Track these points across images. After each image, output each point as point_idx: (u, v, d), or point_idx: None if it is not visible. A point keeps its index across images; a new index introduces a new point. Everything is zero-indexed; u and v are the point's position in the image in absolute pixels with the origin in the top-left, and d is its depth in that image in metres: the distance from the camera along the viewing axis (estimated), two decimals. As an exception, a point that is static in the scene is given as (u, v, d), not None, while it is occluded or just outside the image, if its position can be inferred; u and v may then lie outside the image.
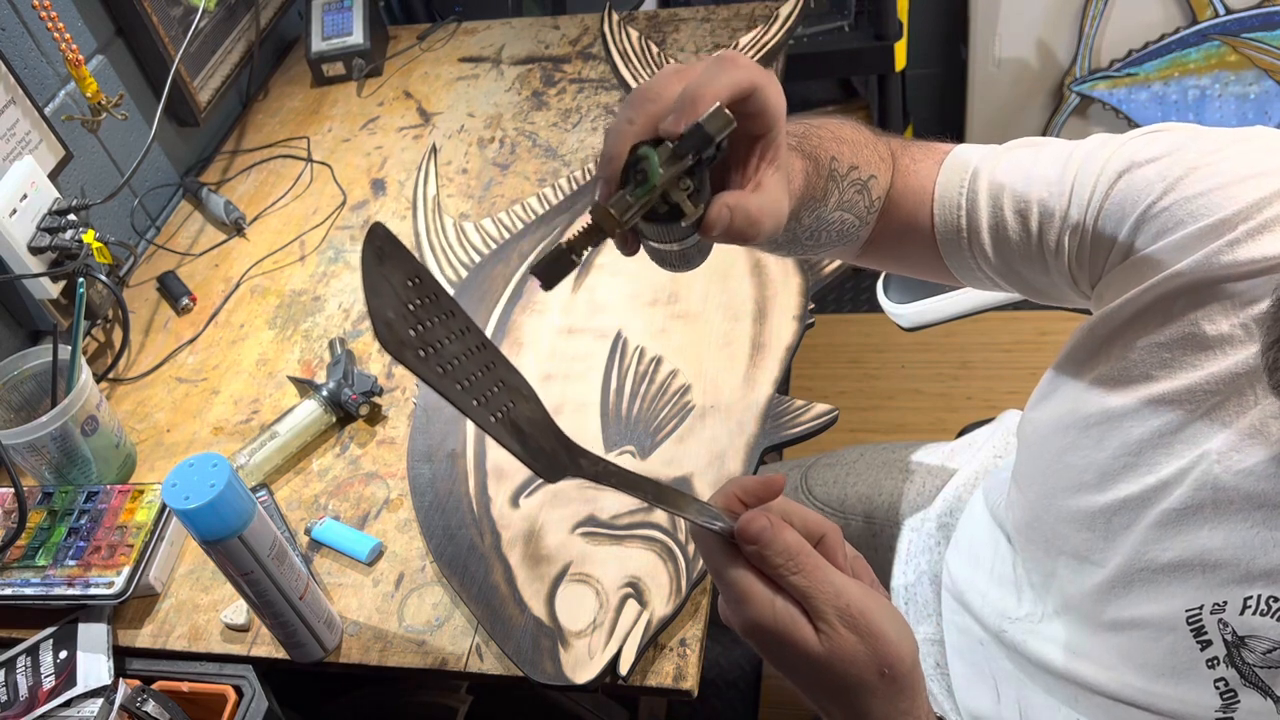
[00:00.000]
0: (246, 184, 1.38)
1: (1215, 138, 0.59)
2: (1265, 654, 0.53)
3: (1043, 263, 0.65)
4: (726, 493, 0.50)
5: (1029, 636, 0.71)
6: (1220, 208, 0.55)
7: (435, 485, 0.93)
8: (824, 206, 0.63)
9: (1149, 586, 0.59)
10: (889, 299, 1.19)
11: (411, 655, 0.82)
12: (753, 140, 0.50)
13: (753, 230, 0.48)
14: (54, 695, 0.81)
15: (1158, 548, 0.58)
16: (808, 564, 0.47)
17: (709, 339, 1.01)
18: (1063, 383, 0.65)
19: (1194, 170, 0.57)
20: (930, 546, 0.91)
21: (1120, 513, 0.60)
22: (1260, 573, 0.53)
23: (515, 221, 1.21)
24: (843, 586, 0.47)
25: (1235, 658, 0.54)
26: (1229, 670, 0.54)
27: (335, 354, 1.07)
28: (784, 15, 1.41)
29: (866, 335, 2.06)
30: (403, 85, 1.50)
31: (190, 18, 1.36)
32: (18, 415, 0.99)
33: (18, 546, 0.91)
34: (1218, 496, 0.55)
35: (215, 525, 0.70)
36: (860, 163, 0.65)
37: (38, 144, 1.14)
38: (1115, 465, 0.60)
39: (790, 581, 0.47)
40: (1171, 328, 0.57)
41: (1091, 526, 0.62)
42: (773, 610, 0.47)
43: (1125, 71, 1.93)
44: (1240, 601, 0.54)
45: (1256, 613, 0.53)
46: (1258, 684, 0.53)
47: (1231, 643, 0.54)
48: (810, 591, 0.47)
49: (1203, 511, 0.56)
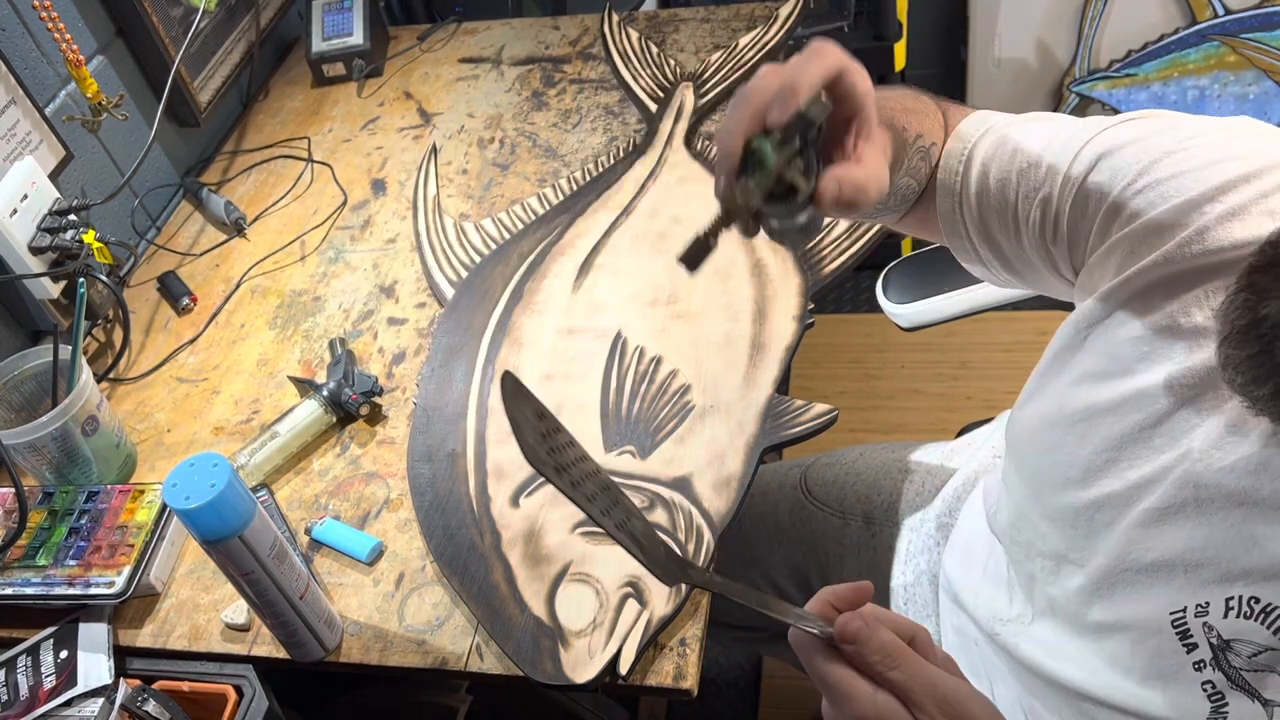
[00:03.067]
0: (247, 184, 1.38)
1: (1195, 124, 0.60)
2: (1251, 657, 0.52)
3: (1017, 234, 0.67)
4: (821, 600, 0.53)
5: (1019, 639, 0.70)
6: (1189, 189, 0.56)
7: (435, 485, 0.93)
8: (898, 173, 0.68)
9: (1131, 588, 0.58)
10: (889, 299, 1.19)
11: (412, 655, 0.82)
12: (847, 120, 0.55)
13: (861, 197, 0.53)
14: (54, 695, 0.81)
15: (1140, 547, 0.58)
16: (904, 659, 0.50)
17: (709, 339, 1.01)
18: (1048, 380, 0.66)
19: (1169, 154, 0.58)
20: (929, 546, 0.91)
21: (1103, 509, 0.60)
22: (1240, 572, 0.53)
23: (515, 222, 1.21)
24: (938, 679, 0.50)
25: (1222, 661, 0.53)
26: (1216, 673, 0.54)
27: (335, 354, 1.07)
28: (784, 16, 1.41)
29: (866, 335, 2.06)
30: (403, 86, 1.51)
31: (190, 18, 1.36)
32: (18, 415, 0.99)
33: (18, 546, 0.91)
34: (1199, 495, 0.55)
35: (216, 525, 0.70)
36: (924, 130, 0.70)
37: (38, 144, 1.14)
38: (1098, 460, 0.60)
39: (889, 677, 0.50)
40: (1150, 319, 0.57)
41: (1075, 524, 0.62)
42: (874, 704, 0.50)
43: (1124, 72, 1.93)
44: (1223, 603, 0.54)
45: (1240, 615, 0.53)
46: (1245, 687, 0.53)
47: (1218, 646, 0.54)
48: (908, 685, 0.50)
49: (1184, 510, 0.55)
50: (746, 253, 1.09)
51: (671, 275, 1.09)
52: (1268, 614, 0.51)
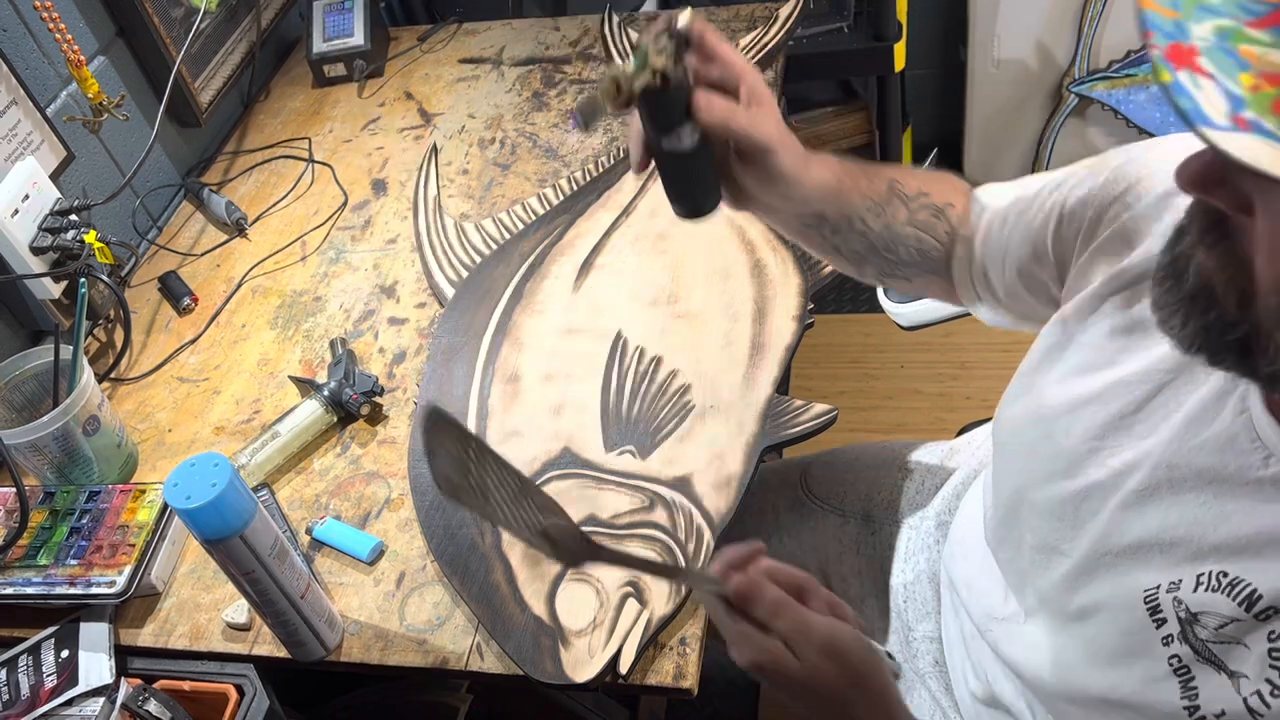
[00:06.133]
0: (248, 184, 1.38)
1: (1164, 139, 0.65)
2: (1217, 629, 0.53)
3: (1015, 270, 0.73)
4: (721, 561, 0.65)
5: (1006, 638, 0.71)
6: (1159, 186, 0.60)
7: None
8: (893, 219, 0.74)
9: (1110, 571, 0.60)
10: (889, 299, 1.19)
11: (412, 654, 0.82)
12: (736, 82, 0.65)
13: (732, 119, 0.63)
14: (56, 694, 0.82)
15: (1119, 531, 0.59)
16: (786, 610, 0.62)
17: (709, 339, 1.01)
18: (1034, 379, 0.68)
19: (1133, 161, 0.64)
20: (929, 545, 0.92)
21: (1089, 499, 0.62)
22: (1210, 548, 0.54)
23: (516, 222, 1.21)
24: (815, 624, 0.62)
25: (1189, 634, 0.54)
26: (1182, 647, 0.54)
27: (336, 354, 1.07)
28: (783, 16, 1.42)
29: (866, 335, 2.06)
30: (404, 86, 1.51)
31: (191, 19, 1.36)
32: (19, 415, 0.99)
33: (19, 546, 0.91)
34: (1173, 475, 0.56)
35: (216, 525, 0.70)
36: (931, 190, 0.76)
37: (39, 145, 1.14)
38: (1082, 450, 0.62)
39: (774, 626, 0.62)
40: (1130, 312, 0.61)
41: (1061, 516, 0.64)
42: (764, 648, 0.62)
43: (1124, 72, 1.93)
44: (1194, 579, 0.55)
45: (1208, 589, 0.54)
46: (1211, 659, 0.53)
47: (1185, 620, 0.55)
48: (789, 632, 0.62)
49: (1160, 491, 0.57)
50: (746, 253, 1.09)
51: (672, 275, 1.09)
52: (1234, 587, 0.52)
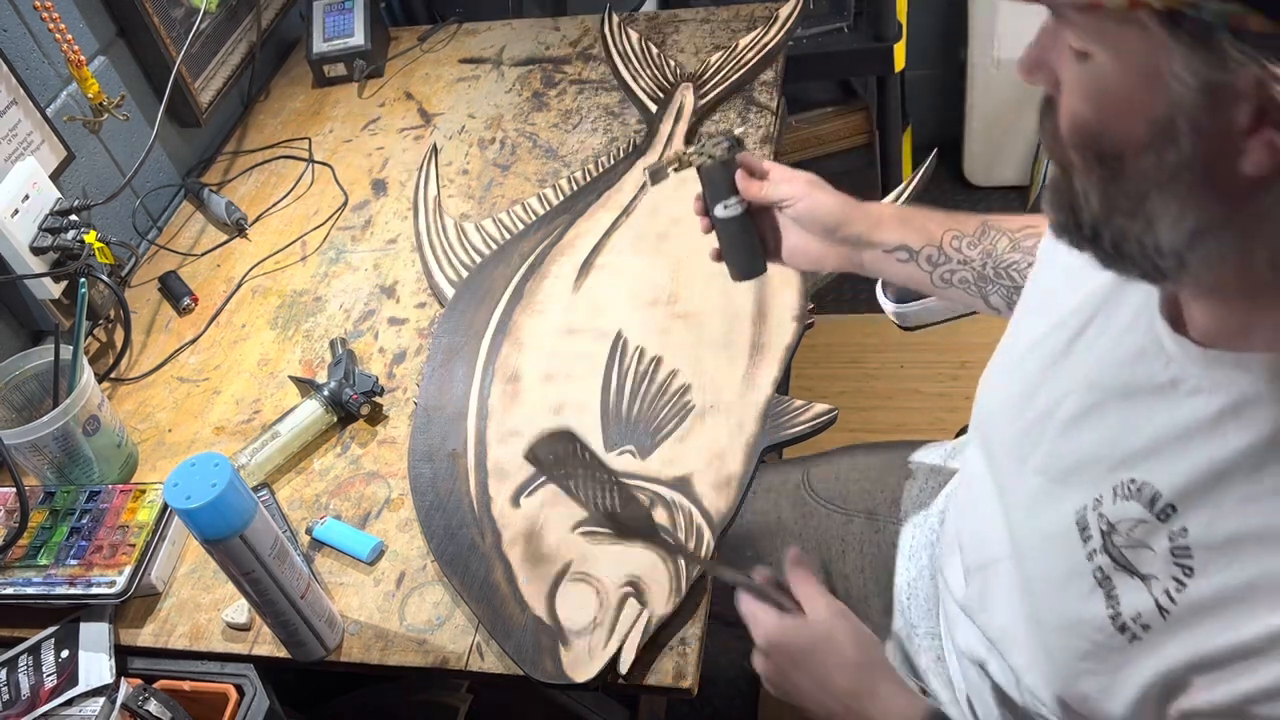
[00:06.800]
0: (248, 184, 1.39)
1: None
2: (1129, 533, 0.54)
3: None
4: None
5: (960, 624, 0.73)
6: None
7: (436, 485, 0.93)
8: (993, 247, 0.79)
9: (1049, 499, 0.61)
10: (888, 299, 1.19)
11: (412, 654, 0.82)
12: None
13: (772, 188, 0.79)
14: (56, 694, 0.82)
15: (1055, 459, 0.61)
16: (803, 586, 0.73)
17: (709, 339, 1.01)
18: (1007, 335, 0.71)
19: None
20: (931, 544, 0.92)
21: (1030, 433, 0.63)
22: (1123, 458, 0.55)
23: (516, 222, 1.21)
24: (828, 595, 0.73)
25: (1108, 544, 0.55)
26: (1103, 558, 0.55)
27: (336, 354, 1.07)
28: (783, 16, 1.42)
29: (866, 335, 2.06)
30: (404, 86, 1.51)
31: (192, 19, 1.36)
32: (19, 415, 0.99)
33: (19, 546, 0.91)
34: (1095, 395, 0.58)
35: (217, 525, 0.70)
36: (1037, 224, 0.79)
37: (39, 145, 1.14)
38: (1031, 385, 0.64)
39: None
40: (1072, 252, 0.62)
41: (1016, 455, 0.65)
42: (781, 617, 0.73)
43: (1124, 72, 1.93)
44: (1111, 491, 0.56)
45: (1123, 498, 0.55)
46: (1126, 565, 0.54)
47: (1105, 532, 0.56)
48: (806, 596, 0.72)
49: (1088, 413, 0.58)
50: (746, 253, 1.09)
51: (671, 275, 1.09)
52: (1141, 490, 0.53)
